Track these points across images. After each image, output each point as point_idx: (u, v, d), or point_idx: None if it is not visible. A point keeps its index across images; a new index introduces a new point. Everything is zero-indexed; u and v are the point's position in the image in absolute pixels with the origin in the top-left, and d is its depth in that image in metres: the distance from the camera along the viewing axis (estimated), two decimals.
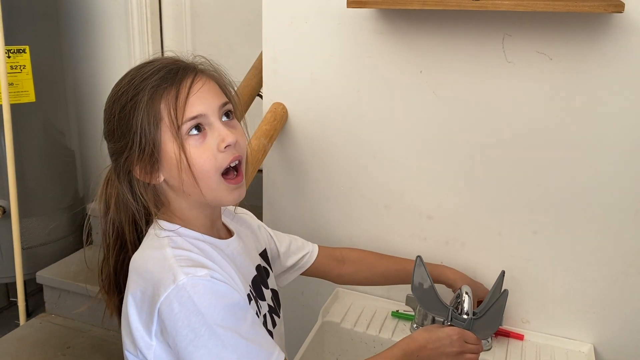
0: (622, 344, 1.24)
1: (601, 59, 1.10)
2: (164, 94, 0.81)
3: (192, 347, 0.77)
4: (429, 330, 0.99)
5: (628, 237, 1.17)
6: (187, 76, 0.83)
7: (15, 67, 2.03)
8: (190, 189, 0.84)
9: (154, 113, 0.80)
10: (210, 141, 0.83)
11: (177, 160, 0.81)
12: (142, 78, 0.82)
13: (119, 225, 0.91)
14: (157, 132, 0.81)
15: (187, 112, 0.81)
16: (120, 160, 0.84)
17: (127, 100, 0.81)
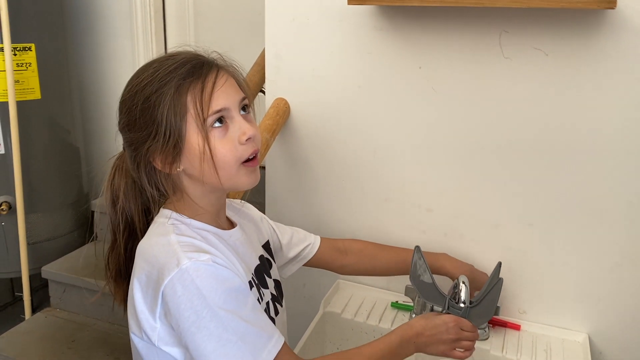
0: (616, 333, 1.26)
1: (595, 55, 1.13)
2: (190, 87, 0.84)
3: (194, 328, 0.80)
4: (426, 318, 1.01)
5: (622, 229, 1.20)
6: (211, 71, 0.86)
7: (22, 65, 2.06)
8: (209, 178, 0.87)
9: (180, 105, 0.83)
10: (232, 134, 0.86)
11: (200, 152, 0.84)
12: (167, 71, 0.84)
13: (129, 213, 0.94)
14: (182, 124, 0.84)
15: (212, 105, 0.84)
16: (142, 150, 0.86)
17: (152, 91, 0.84)
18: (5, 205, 2.15)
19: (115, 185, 0.94)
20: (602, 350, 1.29)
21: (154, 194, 0.90)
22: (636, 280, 1.22)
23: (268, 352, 0.84)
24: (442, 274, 1.23)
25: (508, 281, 1.31)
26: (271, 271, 1.08)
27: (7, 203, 2.16)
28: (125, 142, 0.90)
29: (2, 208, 2.15)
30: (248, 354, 0.82)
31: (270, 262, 1.10)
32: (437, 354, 1.00)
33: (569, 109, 1.18)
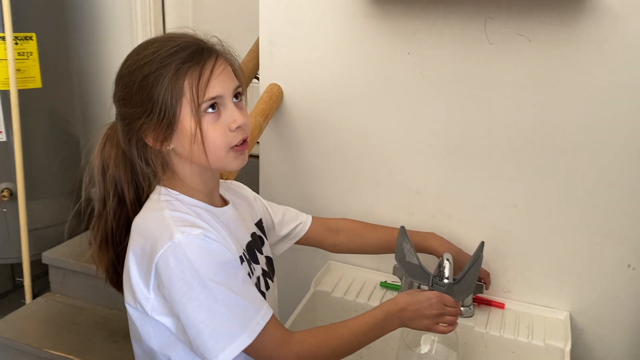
0: (596, 311, 1.31)
1: (577, 40, 1.17)
2: (189, 72, 0.87)
3: (185, 298, 0.84)
4: (410, 294, 1.04)
5: (602, 209, 1.25)
6: (210, 58, 0.89)
7: (23, 54, 2.10)
8: (198, 158, 0.91)
9: (177, 88, 0.86)
10: (224, 120, 0.90)
11: (192, 134, 0.88)
12: (168, 53, 0.87)
13: (119, 182, 0.97)
14: (177, 106, 0.87)
15: (207, 92, 0.87)
16: (135, 125, 0.89)
17: (151, 71, 0.86)
18: (6, 192, 2.20)
19: (105, 154, 0.97)
20: (583, 327, 1.33)
21: (143, 168, 0.94)
22: (616, 258, 1.26)
23: (256, 323, 0.87)
24: (429, 253, 1.27)
25: (493, 261, 1.36)
26: (263, 248, 1.12)
27: (8, 190, 2.20)
28: (119, 115, 0.93)
29: (4, 195, 2.19)
30: (237, 325, 0.86)
31: (263, 240, 1.14)
32: (420, 328, 1.04)
33: (553, 94, 1.22)
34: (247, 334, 0.86)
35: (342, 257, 1.51)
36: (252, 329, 0.87)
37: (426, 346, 1.15)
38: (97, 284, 2.20)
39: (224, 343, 0.85)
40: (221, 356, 0.85)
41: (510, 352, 1.26)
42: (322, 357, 0.96)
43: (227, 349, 0.85)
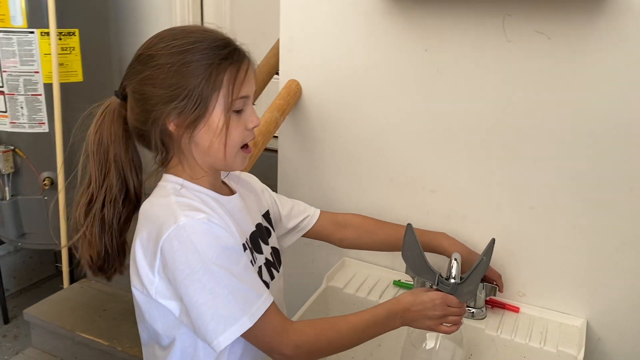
0: (614, 319, 1.26)
1: (597, 38, 1.13)
2: (229, 68, 0.91)
3: (188, 281, 0.87)
4: (414, 294, 1.03)
5: (622, 214, 1.20)
6: (245, 60, 0.94)
7: (66, 49, 2.19)
8: (215, 152, 0.94)
9: (216, 82, 0.89)
10: (244, 119, 0.95)
11: (217, 127, 0.91)
12: (211, 46, 0.90)
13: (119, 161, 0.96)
14: (211, 98, 0.90)
15: (242, 90, 0.92)
16: (161, 107, 0.90)
17: (193, 59, 0.89)
18: (47, 181, 2.30)
19: (104, 131, 0.96)
20: (601, 336, 1.28)
21: (159, 147, 0.95)
22: (636, 266, 1.21)
23: (257, 309, 0.89)
24: (439, 253, 1.26)
25: (508, 263, 1.33)
26: (269, 239, 1.13)
27: (49, 178, 2.31)
28: (139, 94, 0.92)
29: (45, 183, 2.30)
30: (237, 308, 0.88)
31: (270, 231, 1.15)
32: (423, 328, 1.03)
33: (572, 92, 1.18)
34: (248, 318, 0.88)
35: (357, 254, 1.51)
36: (252, 313, 0.88)
37: (431, 342, 1.14)
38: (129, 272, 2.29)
39: (224, 325, 0.87)
40: (221, 338, 0.87)
41: (522, 357, 1.23)
42: (319, 348, 0.96)
43: (228, 331, 0.87)
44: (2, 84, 2.16)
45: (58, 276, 2.92)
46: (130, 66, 0.95)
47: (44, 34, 2.12)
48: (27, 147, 2.27)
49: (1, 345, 2.50)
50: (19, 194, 2.33)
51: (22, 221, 2.37)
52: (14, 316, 2.67)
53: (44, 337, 2.17)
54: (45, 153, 2.27)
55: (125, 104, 0.96)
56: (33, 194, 2.32)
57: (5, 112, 2.20)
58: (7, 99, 2.17)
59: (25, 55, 2.13)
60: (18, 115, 2.20)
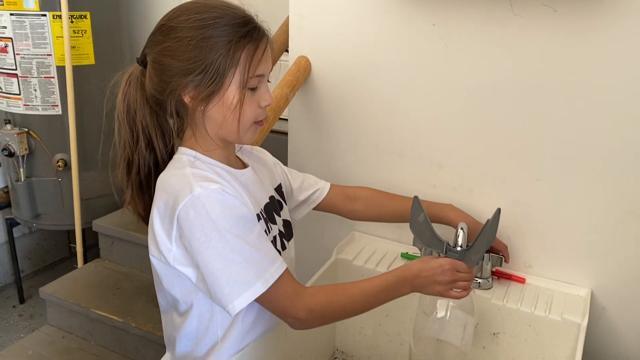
0: (618, 288, 1.28)
1: (603, 10, 1.14)
2: (247, 46, 0.93)
3: (204, 248, 0.90)
4: (423, 261, 1.05)
5: (626, 185, 1.22)
6: (263, 38, 0.96)
7: (78, 32, 2.23)
8: (228, 126, 0.97)
9: (234, 58, 0.92)
10: (257, 97, 0.98)
11: (232, 104, 0.94)
12: (231, 23, 0.92)
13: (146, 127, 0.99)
14: (228, 74, 0.93)
15: (258, 69, 0.95)
16: (178, 79, 0.93)
17: (213, 35, 0.91)
18: (61, 162, 2.35)
19: (130, 97, 0.99)
20: (605, 305, 1.31)
21: (174, 117, 0.99)
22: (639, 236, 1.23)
23: (270, 275, 0.93)
24: (445, 223, 1.28)
25: (514, 235, 1.35)
26: (281, 212, 1.16)
27: (63, 160, 2.35)
28: (158, 64, 0.95)
29: (59, 165, 2.34)
30: (252, 274, 0.91)
31: (282, 204, 1.18)
32: (433, 294, 1.05)
33: (577, 66, 1.20)
34: (261, 283, 0.91)
35: (366, 228, 1.54)
36: (266, 279, 0.92)
37: (442, 311, 1.16)
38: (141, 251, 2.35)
39: (239, 290, 0.90)
40: (236, 302, 0.91)
41: (527, 325, 1.26)
42: (331, 312, 1.00)
43: (242, 295, 0.90)
44: (15, 67, 2.20)
45: (71, 258, 2.98)
46: (151, 35, 0.97)
47: (56, 16, 2.15)
48: (40, 129, 2.31)
49: (17, 324, 2.56)
50: (33, 176, 2.37)
51: (37, 202, 2.42)
52: (29, 296, 2.74)
53: (59, 315, 2.22)
54: (59, 135, 2.31)
55: (145, 71, 0.98)
56: (47, 175, 2.37)
57: (19, 95, 2.24)
58: (21, 81, 2.22)
59: (38, 38, 2.17)
60: (31, 98, 2.24)
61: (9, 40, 2.16)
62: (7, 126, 2.29)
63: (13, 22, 2.13)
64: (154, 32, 0.97)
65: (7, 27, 2.14)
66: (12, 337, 2.45)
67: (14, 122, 2.31)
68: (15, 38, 2.15)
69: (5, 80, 2.24)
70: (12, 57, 2.18)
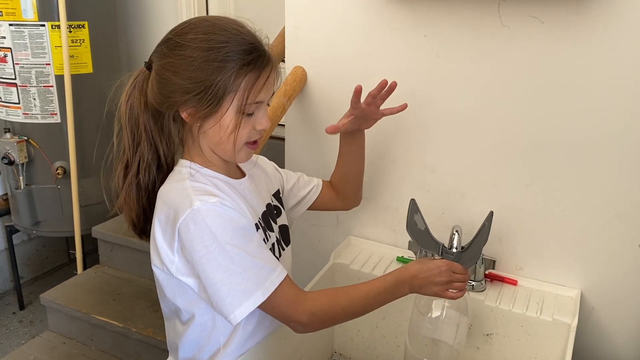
0: (606, 289, 1.32)
1: (588, 21, 1.18)
2: (249, 74, 0.95)
3: (204, 260, 0.93)
4: (421, 262, 1.09)
5: (613, 188, 1.26)
6: (267, 66, 0.97)
7: (76, 41, 2.26)
8: (222, 146, 0.99)
9: (234, 84, 0.94)
10: (253, 120, 1.00)
11: (228, 127, 0.96)
12: (236, 49, 0.93)
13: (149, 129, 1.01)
14: (226, 98, 0.95)
15: (258, 96, 0.97)
16: (177, 96, 0.95)
17: (217, 59, 0.92)
18: (60, 170, 2.38)
19: (133, 100, 1.00)
20: (594, 305, 1.35)
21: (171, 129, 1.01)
22: (626, 238, 1.28)
23: (271, 282, 0.96)
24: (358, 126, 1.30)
25: (506, 238, 1.40)
26: (278, 218, 1.19)
27: (62, 168, 2.38)
28: (160, 77, 0.96)
29: (58, 172, 2.37)
30: (252, 283, 0.94)
31: (279, 209, 1.21)
32: (430, 294, 1.09)
33: (564, 74, 1.24)
34: (262, 292, 0.94)
35: (362, 232, 1.58)
36: (266, 287, 0.95)
37: (437, 311, 1.20)
38: (141, 257, 2.38)
39: (240, 299, 0.93)
40: (237, 311, 0.94)
41: (519, 326, 1.30)
42: (333, 315, 1.03)
43: (243, 305, 0.94)
44: (14, 76, 2.23)
45: (70, 264, 3.01)
46: (159, 45, 0.99)
47: (54, 26, 2.18)
48: (40, 137, 2.34)
49: (18, 330, 2.59)
50: (32, 183, 2.40)
51: (36, 209, 2.45)
52: (29, 302, 2.76)
53: (60, 321, 2.25)
54: (58, 143, 2.34)
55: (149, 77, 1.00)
56: (46, 182, 2.40)
57: (19, 104, 2.27)
58: (20, 90, 2.24)
59: (37, 48, 2.20)
60: (31, 107, 2.27)
61: (8, 50, 2.19)
62: (6, 135, 2.32)
63: (12, 32, 2.17)
64: (161, 42, 0.98)
65: (6, 37, 2.17)
66: (12, 344, 2.48)
67: (13, 130, 2.34)
68: (14, 48, 2.18)
69: (4, 90, 2.26)
70: (11, 67, 2.21)
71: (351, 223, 1.60)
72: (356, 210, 1.46)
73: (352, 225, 1.60)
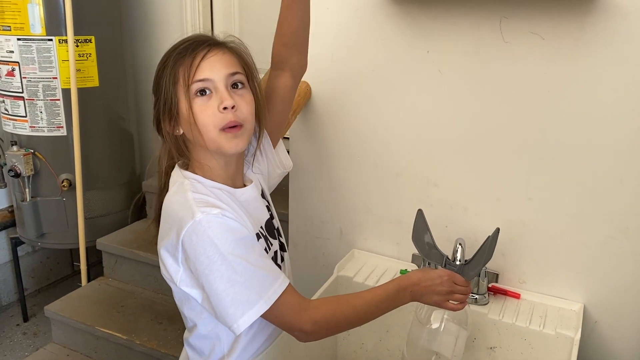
0: (609, 303, 1.33)
1: (588, 39, 1.21)
2: (184, 61, 0.99)
3: (207, 271, 0.94)
4: (423, 271, 1.10)
5: (614, 203, 1.27)
6: (203, 47, 1.00)
7: (83, 55, 2.28)
8: (198, 139, 1.00)
9: (173, 75, 0.99)
10: (213, 102, 0.99)
11: (188, 116, 0.99)
12: (173, 48, 1.01)
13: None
14: (174, 91, 0.99)
15: (196, 75, 0.98)
16: (157, 113, 1.03)
17: (162, 64, 1.01)
18: (66, 182, 2.39)
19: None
20: (598, 319, 1.36)
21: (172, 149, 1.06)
22: (628, 253, 1.29)
23: (273, 292, 0.97)
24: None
25: (509, 252, 1.40)
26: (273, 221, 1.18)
27: (67, 180, 2.39)
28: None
29: (64, 185, 2.39)
30: (254, 293, 0.95)
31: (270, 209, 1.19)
32: (431, 303, 1.09)
33: (564, 89, 1.26)
34: (264, 301, 0.95)
35: (366, 245, 1.59)
36: (268, 296, 0.96)
37: (437, 322, 1.21)
38: (145, 269, 2.39)
39: (243, 309, 0.95)
40: (240, 321, 0.95)
41: (522, 339, 1.31)
42: (335, 323, 1.03)
43: (246, 314, 0.95)
44: (22, 90, 2.25)
45: (74, 276, 3.01)
46: None
47: (61, 41, 2.21)
48: (46, 150, 2.36)
49: (22, 342, 2.59)
50: (38, 196, 2.42)
51: (42, 221, 2.46)
52: (33, 314, 2.76)
53: (64, 333, 2.25)
54: (64, 155, 2.36)
55: None
56: (52, 195, 2.41)
57: (25, 117, 2.29)
58: (27, 104, 2.27)
59: (44, 62, 2.22)
60: (37, 120, 2.29)
61: (16, 64, 2.22)
62: (13, 147, 2.34)
63: (20, 46, 2.19)
64: None
65: (14, 51, 2.20)
66: (16, 356, 2.48)
67: (20, 143, 2.35)
68: (22, 62, 2.21)
69: (12, 103, 2.29)
70: (18, 81, 2.24)
71: (355, 236, 1.61)
72: (360, 223, 1.48)
73: (356, 238, 1.61)
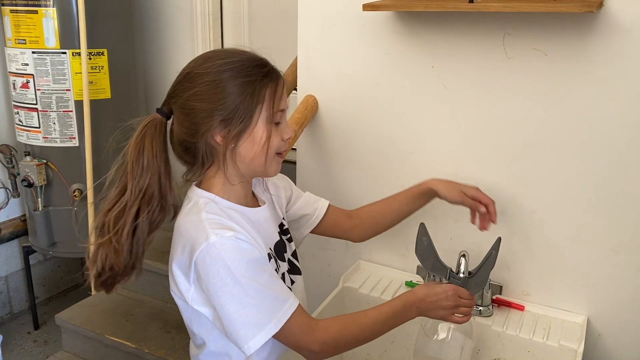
0: (613, 316, 1.34)
1: (589, 53, 1.23)
2: (269, 85, 1.02)
3: (220, 292, 0.97)
4: (428, 286, 1.11)
5: (617, 218, 1.29)
6: (281, 77, 1.05)
7: (95, 68, 2.32)
8: (257, 160, 1.04)
9: (259, 96, 1.00)
10: (280, 131, 1.06)
11: (260, 138, 1.02)
12: (252, 65, 1.01)
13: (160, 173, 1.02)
14: (255, 111, 1.01)
15: (281, 104, 1.04)
16: (209, 120, 0.99)
17: (238, 76, 0.99)
18: (77, 192, 2.43)
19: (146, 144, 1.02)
20: (601, 331, 1.36)
21: (204, 160, 1.04)
22: (632, 266, 1.30)
23: (283, 314, 0.99)
24: (437, 196, 1.30)
25: (513, 264, 1.42)
26: (287, 247, 1.20)
27: (79, 190, 2.43)
28: (187, 109, 1.01)
29: (75, 194, 2.42)
30: (264, 315, 0.97)
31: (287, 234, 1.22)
32: (437, 318, 1.11)
33: (567, 104, 1.28)
34: (274, 323, 0.98)
35: (371, 257, 1.61)
36: (278, 318, 0.98)
37: (443, 333, 1.22)
38: (154, 279, 2.41)
39: (253, 331, 0.97)
40: (251, 343, 0.97)
41: (526, 351, 1.32)
42: (344, 343, 1.05)
43: (257, 336, 0.97)
44: (36, 102, 2.30)
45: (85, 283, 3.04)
46: (177, 84, 1.03)
47: (75, 54, 2.25)
48: (58, 161, 2.40)
49: (32, 349, 2.62)
50: (50, 205, 2.45)
51: (53, 231, 2.49)
52: (44, 322, 2.80)
53: (74, 341, 2.28)
54: (76, 166, 2.40)
55: (165, 120, 1.05)
56: (64, 204, 2.45)
57: (39, 128, 2.34)
58: (41, 115, 2.31)
59: (58, 74, 2.27)
60: (50, 131, 2.34)
61: (30, 76, 2.27)
62: (26, 158, 2.38)
63: (35, 59, 2.24)
64: (179, 81, 1.03)
65: (29, 64, 2.25)
66: None
67: (33, 154, 2.40)
68: (36, 74, 2.26)
69: (26, 114, 2.34)
70: (33, 93, 2.28)
71: (360, 247, 1.63)
72: None
73: (362, 250, 1.63)
